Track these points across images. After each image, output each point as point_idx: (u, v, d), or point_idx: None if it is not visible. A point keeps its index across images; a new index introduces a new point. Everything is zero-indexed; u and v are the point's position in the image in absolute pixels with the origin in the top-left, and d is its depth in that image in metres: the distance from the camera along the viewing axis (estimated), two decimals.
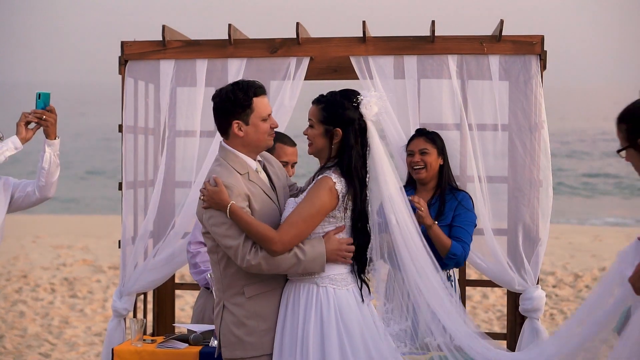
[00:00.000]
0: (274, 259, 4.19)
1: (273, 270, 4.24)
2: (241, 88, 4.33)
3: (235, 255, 4.22)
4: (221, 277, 4.37)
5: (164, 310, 6.46)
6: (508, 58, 5.77)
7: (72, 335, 10.18)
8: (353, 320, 4.29)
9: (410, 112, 5.81)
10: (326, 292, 4.29)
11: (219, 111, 4.38)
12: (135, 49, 6.05)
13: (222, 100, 4.35)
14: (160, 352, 5.07)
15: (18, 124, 5.30)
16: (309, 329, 4.26)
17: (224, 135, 4.42)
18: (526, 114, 5.74)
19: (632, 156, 3.89)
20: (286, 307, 4.35)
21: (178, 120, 6.09)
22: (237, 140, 4.38)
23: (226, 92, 4.34)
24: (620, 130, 3.92)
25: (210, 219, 4.27)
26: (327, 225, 4.33)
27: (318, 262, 4.25)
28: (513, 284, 5.71)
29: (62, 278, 13.03)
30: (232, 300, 4.35)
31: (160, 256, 5.97)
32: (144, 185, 6.22)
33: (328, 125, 4.33)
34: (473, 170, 5.73)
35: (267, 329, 4.34)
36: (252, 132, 4.35)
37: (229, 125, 4.35)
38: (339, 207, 4.31)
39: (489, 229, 5.68)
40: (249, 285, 4.32)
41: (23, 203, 5.43)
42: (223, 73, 6.00)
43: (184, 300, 11.50)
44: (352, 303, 4.32)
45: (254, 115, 4.34)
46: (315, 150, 4.41)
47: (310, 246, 4.25)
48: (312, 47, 5.96)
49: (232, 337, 4.34)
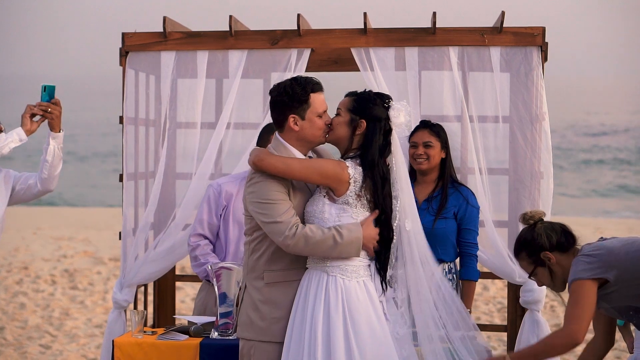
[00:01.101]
0: (314, 238, 4.24)
1: (310, 249, 4.28)
2: (299, 83, 4.41)
3: (275, 231, 4.28)
4: (248, 260, 4.49)
5: (164, 302, 6.46)
6: (509, 50, 5.76)
7: (73, 326, 10.19)
8: (361, 312, 4.31)
9: (411, 103, 5.80)
10: (335, 282, 4.33)
11: (276, 104, 4.45)
12: (136, 41, 6.04)
13: (279, 94, 4.42)
14: (161, 343, 5.07)
15: (23, 116, 5.30)
16: (318, 317, 4.30)
17: (280, 128, 4.48)
18: (527, 106, 5.73)
19: (542, 275, 4.43)
20: (299, 296, 4.40)
21: (179, 111, 6.08)
22: (292, 134, 4.44)
23: (284, 87, 4.42)
24: (522, 260, 4.48)
25: (253, 194, 4.36)
26: (343, 213, 4.36)
27: (354, 246, 4.30)
28: (514, 276, 5.71)
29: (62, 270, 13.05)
30: (253, 282, 4.46)
31: (161, 248, 5.97)
32: (144, 177, 6.21)
33: (354, 115, 4.39)
34: (474, 162, 5.73)
35: (279, 318, 4.41)
36: (307, 127, 4.41)
37: (285, 119, 4.42)
38: (350, 193, 4.34)
39: (490, 221, 5.68)
40: (269, 271, 4.42)
41: (24, 195, 5.43)
42: (224, 64, 5.99)
43: (184, 292, 11.51)
44: (361, 295, 4.35)
45: (310, 110, 4.41)
46: (335, 138, 4.45)
47: (348, 230, 4.29)
48: (313, 39, 5.95)
49: (245, 318, 4.47)
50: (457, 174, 5.65)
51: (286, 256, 4.40)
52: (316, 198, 4.42)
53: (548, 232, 4.43)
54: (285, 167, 4.31)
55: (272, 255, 4.42)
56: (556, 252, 4.40)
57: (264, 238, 4.41)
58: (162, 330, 5.35)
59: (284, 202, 4.32)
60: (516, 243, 4.51)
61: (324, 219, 4.35)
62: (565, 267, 4.38)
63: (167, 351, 5.04)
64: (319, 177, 4.33)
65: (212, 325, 5.18)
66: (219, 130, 5.96)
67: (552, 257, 4.39)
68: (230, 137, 6.04)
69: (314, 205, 4.40)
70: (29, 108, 5.30)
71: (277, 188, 4.33)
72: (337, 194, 4.35)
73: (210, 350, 4.97)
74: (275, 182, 4.33)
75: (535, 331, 5.65)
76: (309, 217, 4.40)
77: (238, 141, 6.06)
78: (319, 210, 4.36)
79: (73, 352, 9.12)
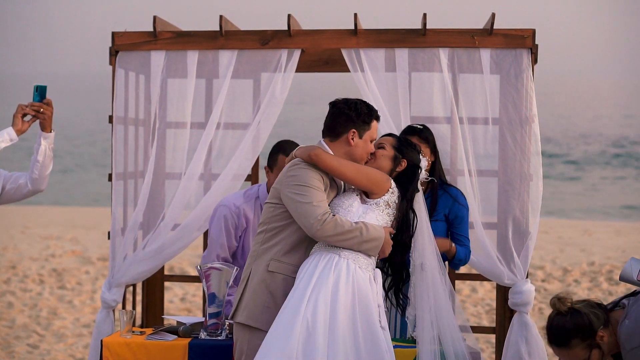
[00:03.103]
0: (343, 227, 4.45)
1: (336, 236, 4.46)
2: (367, 106, 4.72)
3: (309, 213, 4.45)
4: (259, 247, 4.64)
5: (153, 302, 6.45)
6: (499, 52, 5.77)
7: (61, 326, 10.16)
8: (369, 296, 4.47)
9: (401, 105, 5.81)
10: (347, 264, 4.50)
11: (341, 115, 4.66)
12: (126, 40, 6.03)
13: (348, 107, 4.67)
14: (150, 343, 5.06)
15: (15, 115, 5.28)
16: (320, 290, 4.40)
17: (334, 137, 4.68)
18: (517, 108, 5.74)
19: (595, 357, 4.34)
20: (303, 272, 4.51)
21: (169, 111, 6.07)
22: (344, 147, 4.67)
23: (355, 103, 4.69)
24: (575, 347, 4.33)
25: (293, 178, 4.54)
26: (368, 213, 4.58)
27: (374, 243, 4.51)
28: (502, 278, 5.72)
29: (50, 269, 13.01)
30: (257, 268, 4.61)
31: (150, 248, 5.96)
32: (134, 176, 6.20)
33: (398, 153, 4.73)
34: (463, 164, 5.73)
35: (272, 308, 4.54)
36: (360, 146, 4.68)
37: (346, 131, 4.66)
38: (383, 198, 4.61)
39: (479, 223, 5.69)
40: (275, 261, 4.59)
41: (14, 195, 5.41)
42: (214, 64, 5.99)
43: (172, 292, 11.50)
44: (368, 284, 4.51)
45: (368, 133, 4.69)
46: (377, 167, 4.73)
47: (373, 228, 4.52)
48: (303, 39, 5.94)
49: (240, 299, 4.63)
50: (447, 176, 5.65)
51: (298, 253, 4.60)
52: (348, 194, 4.68)
53: (591, 310, 4.36)
54: (339, 165, 4.57)
55: (286, 249, 4.60)
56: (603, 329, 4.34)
57: (281, 231, 4.61)
58: (150, 330, 5.34)
59: (322, 191, 4.56)
60: (562, 332, 4.34)
61: (350, 212, 4.58)
62: (611, 341, 4.30)
63: (155, 351, 5.04)
64: (366, 182, 4.60)
65: (200, 325, 5.17)
66: (209, 130, 5.95)
67: (604, 335, 4.32)
68: (220, 137, 6.03)
69: (344, 198, 4.65)
70: (21, 108, 5.28)
71: (318, 177, 4.56)
72: (371, 197, 4.62)
73: (199, 350, 4.97)
74: (318, 173, 4.56)
75: (524, 333, 5.66)
76: (334, 207, 4.63)
77: (228, 141, 6.05)
78: (348, 203, 4.61)
79: (61, 352, 9.10)
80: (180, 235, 5.97)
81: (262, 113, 5.89)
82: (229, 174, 5.92)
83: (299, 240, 4.61)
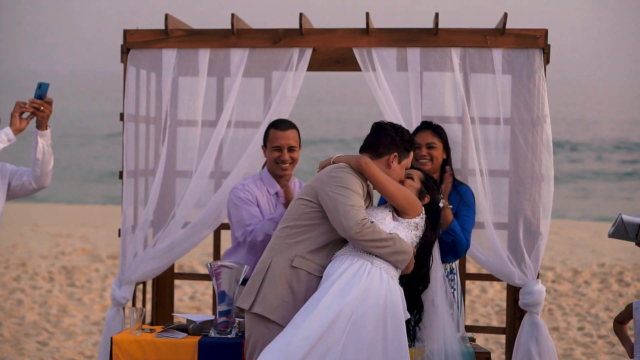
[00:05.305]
0: (380, 234, 4.60)
1: (372, 242, 4.58)
2: (410, 135, 4.96)
3: (350, 215, 4.56)
4: (282, 242, 4.71)
5: (163, 300, 6.46)
6: (511, 52, 5.75)
7: (70, 324, 10.17)
8: (400, 307, 4.57)
9: (412, 104, 5.80)
10: (380, 272, 4.60)
11: (388, 137, 4.87)
12: (137, 38, 6.03)
13: (396, 131, 4.88)
14: (159, 341, 5.06)
15: (12, 114, 5.25)
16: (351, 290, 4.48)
17: (375, 156, 4.85)
18: (529, 108, 5.72)
19: None
20: (330, 280, 4.56)
21: (179, 109, 6.08)
22: (382, 167, 4.83)
23: (401, 128, 4.92)
24: None
25: (338, 179, 4.66)
26: (398, 228, 4.74)
27: (404, 256, 4.67)
28: (513, 278, 5.70)
29: (60, 267, 13.02)
30: (278, 262, 4.67)
31: (160, 245, 5.97)
32: (144, 174, 6.20)
33: (424, 188, 4.97)
34: (475, 164, 5.72)
35: (290, 304, 4.62)
36: (396, 171, 4.88)
37: (389, 153, 4.86)
38: (413, 220, 4.80)
39: (490, 223, 5.68)
40: (300, 258, 4.68)
41: (20, 192, 5.42)
42: (225, 63, 5.98)
43: (182, 290, 11.50)
44: (399, 296, 4.62)
45: (405, 160, 4.92)
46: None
47: (405, 242, 4.68)
48: (315, 38, 5.94)
49: (258, 288, 4.67)
50: (457, 176, 5.64)
51: (323, 253, 4.69)
52: (381, 208, 4.87)
53: None
54: (384, 179, 4.76)
55: (312, 247, 4.68)
56: None
57: (311, 229, 4.69)
58: (160, 328, 5.35)
59: (362, 198, 4.72)
60: None
61: (383, 224, 4.71)
62: None
63: (165, 349, 5.04)
64: (404, 201, 4.78)
65: (210, 323, 5.17)
66: (220, 128, 5.95)
67: None
68: (230, 135, 6.04)
69: (378, 211, 4.81)
70: (19, 106, 5.26)
71: (360, 185, 4.73)
72: (403, 216, 4.79)
73: (209, 348, 4.98)
74: (361, 181, 4.73)
75: (534, 334, 5.64)
76: (368, 216, 4.70)
77: (239, 139, 6.05)
78: (381, 216, 4.76)
79: (70, 350, 9.11)
80: (190, 233, 5.97)
81: (273, 112, 5.89)
82: (239, 172, 5.91)
83: (327, 241, 4.70)
